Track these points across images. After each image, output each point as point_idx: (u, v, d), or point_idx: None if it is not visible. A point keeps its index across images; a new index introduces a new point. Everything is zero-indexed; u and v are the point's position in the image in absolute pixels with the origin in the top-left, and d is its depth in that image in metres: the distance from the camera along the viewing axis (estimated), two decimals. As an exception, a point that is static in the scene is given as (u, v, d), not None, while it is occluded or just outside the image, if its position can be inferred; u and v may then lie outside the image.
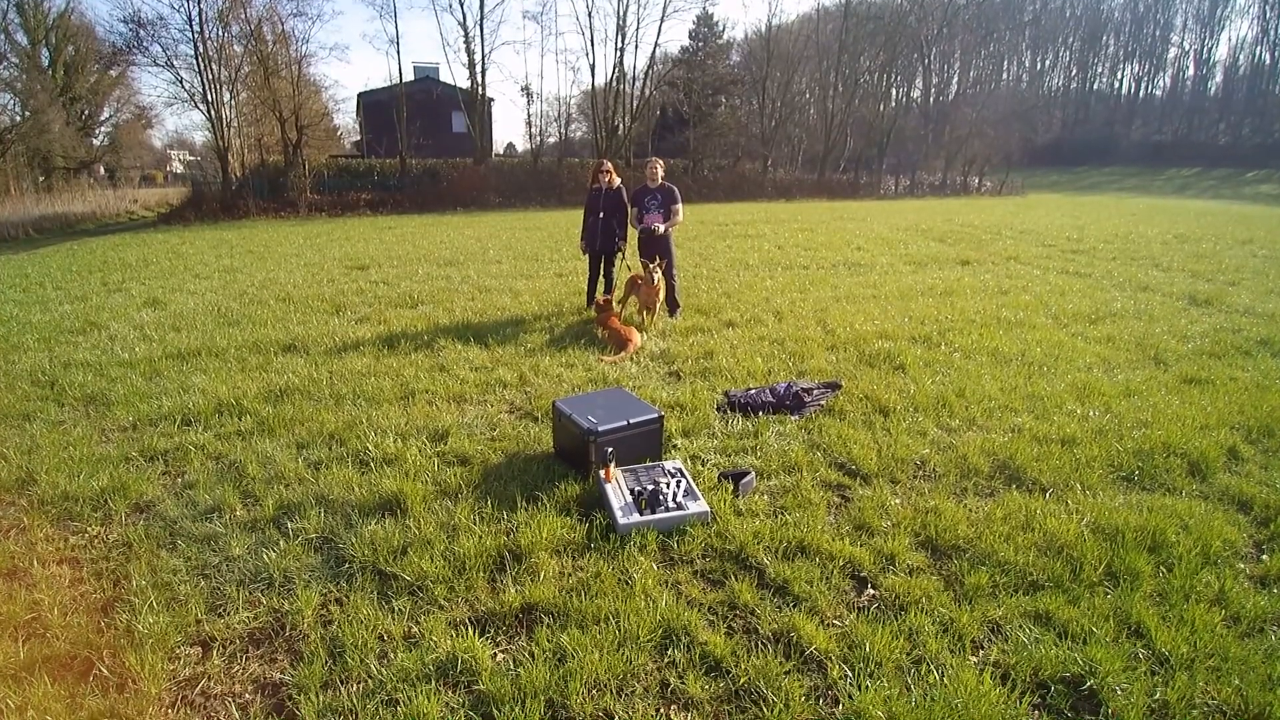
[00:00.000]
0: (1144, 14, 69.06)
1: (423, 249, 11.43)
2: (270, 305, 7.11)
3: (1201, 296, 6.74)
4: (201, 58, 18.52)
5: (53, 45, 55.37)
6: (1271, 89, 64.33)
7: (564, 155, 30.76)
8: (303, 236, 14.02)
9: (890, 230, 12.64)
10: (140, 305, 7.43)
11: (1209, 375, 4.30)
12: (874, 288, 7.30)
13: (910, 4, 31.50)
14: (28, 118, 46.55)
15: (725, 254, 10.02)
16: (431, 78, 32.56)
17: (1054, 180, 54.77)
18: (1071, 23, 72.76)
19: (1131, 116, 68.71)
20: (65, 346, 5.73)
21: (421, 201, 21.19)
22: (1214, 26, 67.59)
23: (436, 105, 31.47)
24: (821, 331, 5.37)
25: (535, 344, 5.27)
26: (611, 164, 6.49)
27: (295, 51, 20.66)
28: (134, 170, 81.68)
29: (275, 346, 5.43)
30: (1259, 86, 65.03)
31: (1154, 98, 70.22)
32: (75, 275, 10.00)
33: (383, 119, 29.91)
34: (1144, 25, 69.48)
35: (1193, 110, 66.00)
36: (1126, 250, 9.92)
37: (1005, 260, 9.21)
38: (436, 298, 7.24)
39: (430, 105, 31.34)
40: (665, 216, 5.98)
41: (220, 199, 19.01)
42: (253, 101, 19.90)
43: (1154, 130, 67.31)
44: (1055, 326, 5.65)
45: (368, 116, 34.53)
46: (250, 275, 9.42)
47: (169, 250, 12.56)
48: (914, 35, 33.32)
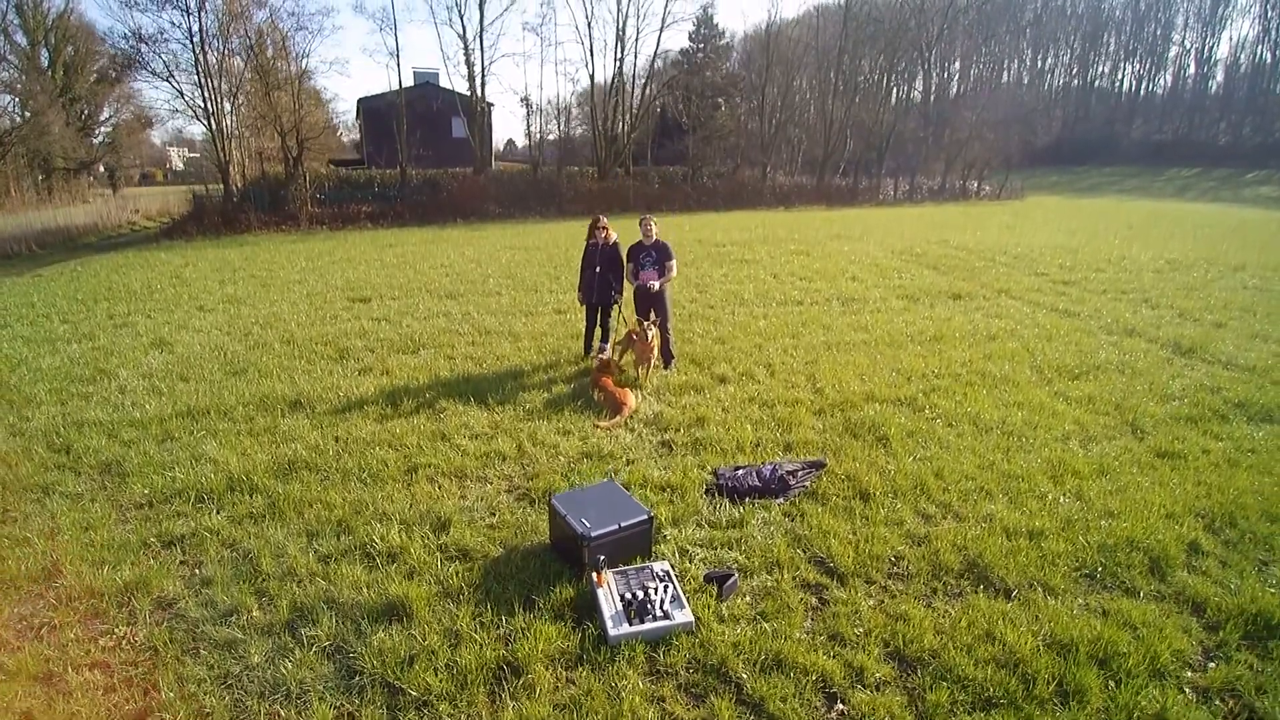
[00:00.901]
0: (1145, 12, 68.68)
1: (424, 275, 11.58)
2: (274, 349, 7.28)
3: (1186, 343, 6.90)
4: (202, 71, 18.60)
5: (52, 46, 55.28)
6: (1272, 88, 64.08)
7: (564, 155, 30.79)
8: (304, 257, 14.17)
9: (885, 254, 12.77)
10: (148, 346, 7.61)
11: (1182, 448, 4.48)
12: (865, 330, 7.47)
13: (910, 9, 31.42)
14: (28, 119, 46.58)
15: (721, 285, 10.18)
16: (431, 83, 32.55)
17: (1054, 181, 54.71)
18: (1073, 21, 72.36)
19: (1132, 115, 68.49)
20: (77, 401, 5.91)
21: (422, 213, 21.31)
22: (1215, 25, 67.22)
23: (436, 111, 31.49)
24: (810, 392, 5.54)
25: (534, 404, 5.45)
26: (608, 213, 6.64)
27: (295, 65, 20.72)
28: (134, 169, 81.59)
29: (281, 403, 5.61)
30: (1260, 85, 64.78)
31: (1155, 97, 69.96)
32: (80, 305, 10.17)
33: (383, 123, 29.94)
34: (1145, 24, 69.12)
35: (1193, 109, 65.79)
36: (1117, 282, 10.07)
37: (996, 294, 9.37)
38: (438, 340, 7.42)
39: (430, 110, 31.37)
40: (660, 273, 6.15)
41: (221, 212, 19.14)
42: (253, 114, 19.97)
43: (1155, 129, 67.12)
44: (1039, 382, 5.82)
45: (367, 121, 34.54)
46: (254, 307, 9.59)
47: (172, 274, 12.72)
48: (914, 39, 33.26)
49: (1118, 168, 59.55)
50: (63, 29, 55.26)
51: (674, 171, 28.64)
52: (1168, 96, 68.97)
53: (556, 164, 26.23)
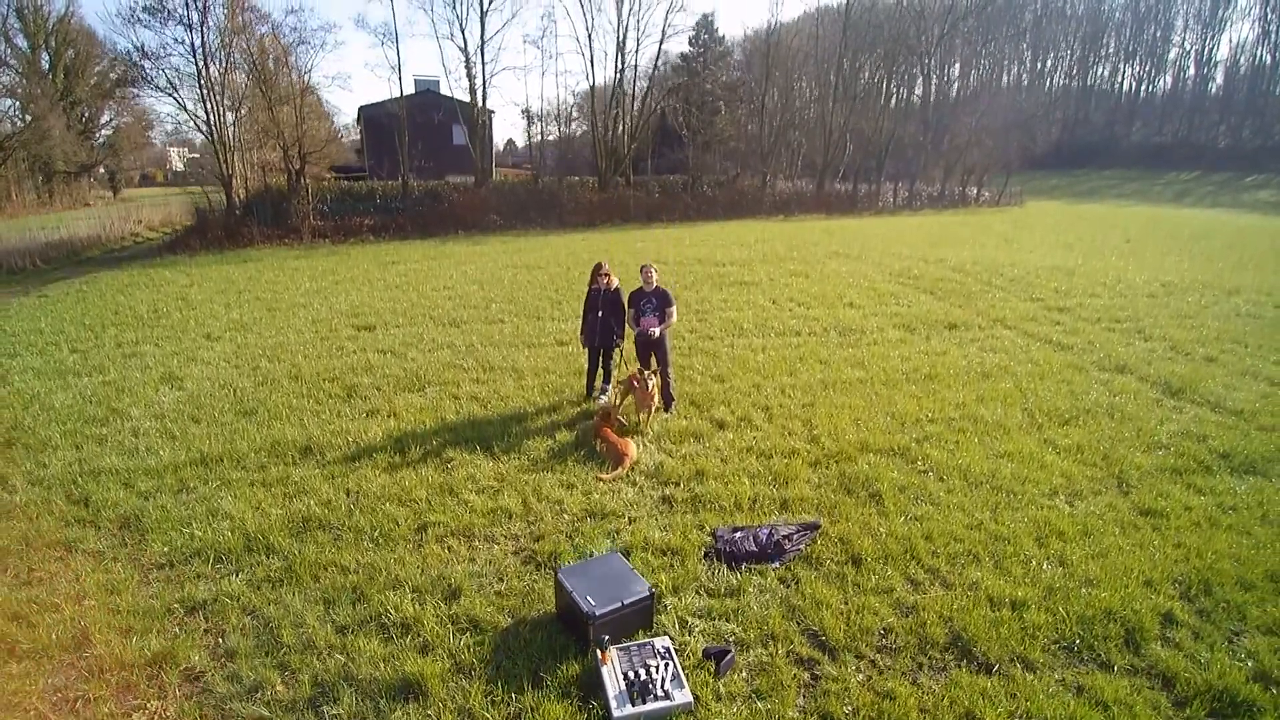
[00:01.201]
0: (1145, 14, 68.63)
1: (426, 298, 11.73)
2: (283, 385, 7.45)
3: (1176, 382, 7.05)
4: (205, 86, 18.71)
5: (53, 49, 55.40)
6: (1272, 90, 64.11)
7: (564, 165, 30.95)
8: (308, 277, 14.32)
9: (883, 276, 12.92)
10: (158, 381, 7.77)
11: (1165, 505, 4.64)
12: (862, 366, 7.63)
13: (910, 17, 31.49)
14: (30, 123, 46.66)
15: (720, 312, 10.33)
16: (432, 91, 32.66)
17: (1053, 184, 54.80)
18: (1073, 23, 72.34)
19: (1132, 117, 68.51)
20: (91, 445, 6.07)
21: (423, 225, 21.44)
22: (1215, 27, 67.17)
23: (437, 118, 31.61)
24: (806, 440, 5.70)
25: (538, 452, 5.61)
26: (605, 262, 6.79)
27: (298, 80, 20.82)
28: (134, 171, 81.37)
29: (292, 449, 5.78)
30: (1259, 87, 64.81)
31: (1154, 99, 69.96)
32: (89, 331, 10.33)
33: (384, 130, 30.06)
34: (1145, 26, 69.07)
35: (1193, 111, 65.80)
36: (1111, 310, 10.22)
37: (992, 323, 9.52)
38: (442, 376, 7.58)
39: (431, 118, 31.49)
40: (661, 319, 6.31)
41: (224, 225, 19.27)
42: (256, 129, 20.09)
43: (1154, 131, 67.14)
44: (1029, 428, 5.98)
45: (369, 128, 34.66)
46: (260, 335, 9.75)
47: (177, 295, 12.87)
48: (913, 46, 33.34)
49: (1117, 171, 59.62)
50: (63, 33, 55.44)
51: (674, 180, 28.77)
52: (1167, 99, 68.98)
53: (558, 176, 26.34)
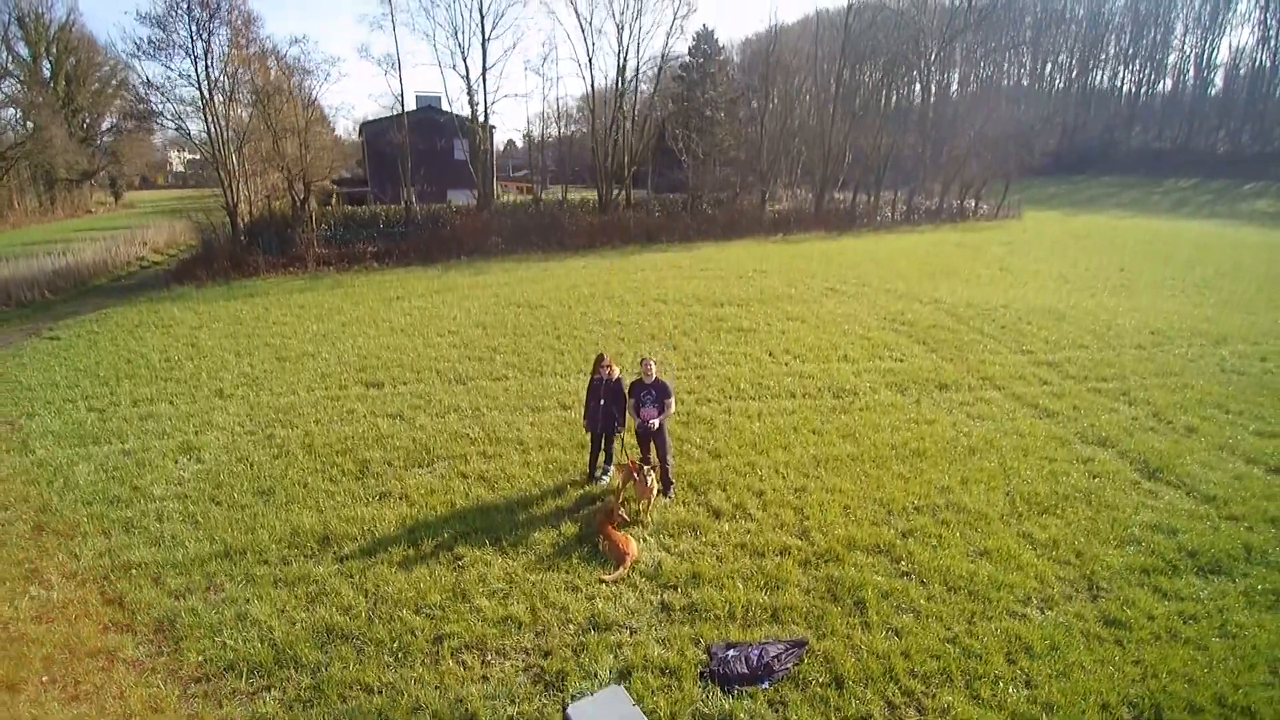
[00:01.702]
0: (1145, 18, 68.55)
1: (432, 345, 12.03)
2: (297, 459, 7.77)
3: (1155, 460, 7.36)
4: (210, 120, 18.94)
5: (54, 57, 55.50)
6: (1271, 94, 64.14)
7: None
8: (314, 318, 14.61)
9: (878, 320, 13.21)
10: (175, 452, 8.09)
11: (1129, 615, 4.96)
12: (853, 439, 7.95)
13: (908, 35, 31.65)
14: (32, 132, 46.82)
15: (718, 367, 10.63)
16: (434, 107, 32.82)
17: (1052, 192, 54.95)
18: (1073, 26, 72.27)
19: (1131, 122, 68.55)
20: (119, 534, 6.39)
21: (426, 250, 21.72)
22: (1215, 31, 67.13)
23: (439, 134, 31.83)
24: (798, 534, 6.03)
25: (544, 545, 5.94)
26: (606, 353, 7.09)
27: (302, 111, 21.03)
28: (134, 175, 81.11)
29: (311, 540, 6.11)
30: (1259, 91, 64.84)
31: (1154, 103, 69.97)
32: (103, 385, 10.65)
33: (385, 146, 30.29)
34: (1144, 30, 68.99)
35: (1193, 115, 65.83)
36: (1099, 366, 10.51)
37: (981, 382, 9.83)
38: (450, 449, 7.90)
39: (433, 134, 31.72)
40: (660, 410, 6.62)
41: (230, 255, 19.55)
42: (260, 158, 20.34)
43: (1154, 137, 67.21)
44: (1010, 517, 6.30)
45: (370, 144, 34.87)
46: (271, 391, 10.06)
47: (187, 339, 13.18)
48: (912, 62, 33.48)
49: (1115, 177, 59.76)
50: (64, 40, 55.53)
51: (674, 199, 29.01)
52: (1166, 103, 69.00)
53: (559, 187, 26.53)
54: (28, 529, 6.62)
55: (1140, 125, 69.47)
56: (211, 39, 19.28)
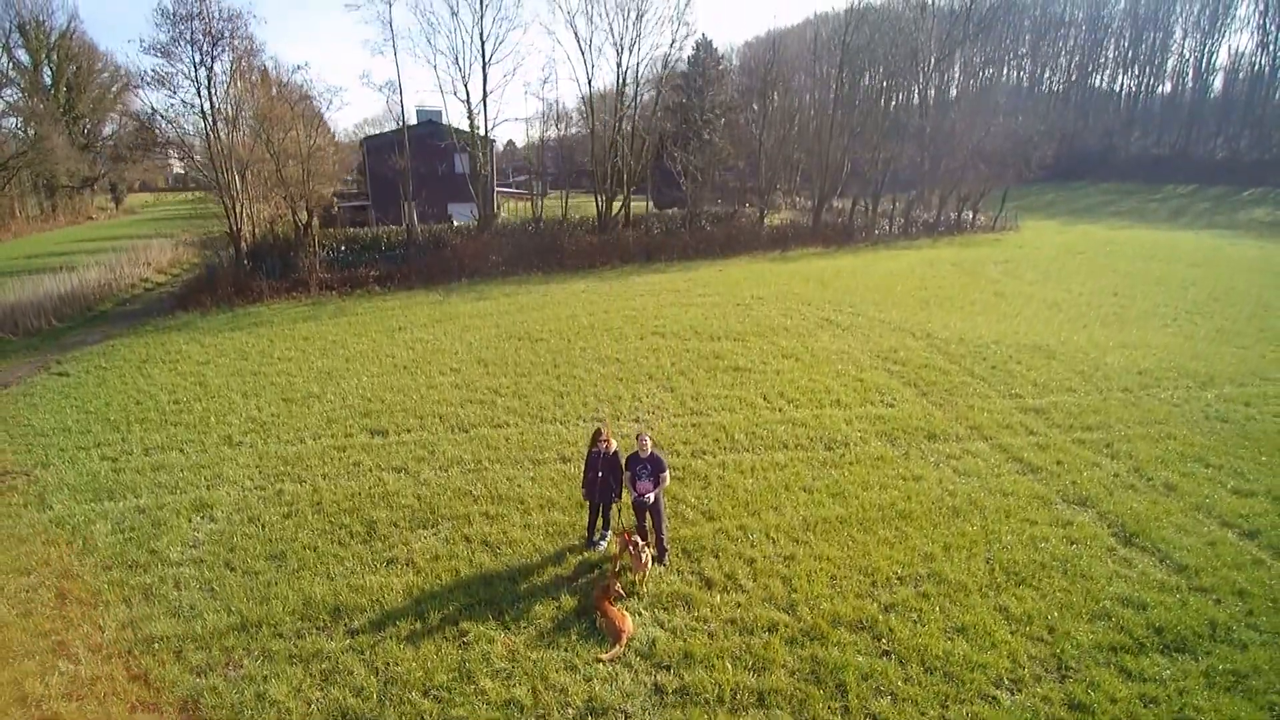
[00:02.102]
0: (1144, 22, 68.54)
1: (435, 386, 12.30)
2: (308, 521, 8.06)
3: (1131, 524, 7.64)
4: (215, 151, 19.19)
5: (55, 64, 55.65)
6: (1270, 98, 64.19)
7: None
8: (319, 350, 14.91)
9: (871, 358, 13.49)
10: (190, 510, 8.39)
11: (1092, 698, 5.26)
12: (842, 499, 8.23)
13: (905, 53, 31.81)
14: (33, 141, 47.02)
15: (714, 413, 10.91)
16: (434, 121, 33.06)
17: (1050, 199, 55.14)
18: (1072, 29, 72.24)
19: (1130, 127, 68.62)
20: (140, 601, 6.69)
21: (428, 273, 21.98)
22: (1214, 35, 67.11)
23: (440, 148, 32.04)
24: (785, 609, 6.32)
25: (544, 619, 6.24)
26: (607, 426, 7.38)
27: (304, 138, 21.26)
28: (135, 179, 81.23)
29: (323, 613, 6.41)
30: (1258, 95, 64.89)
31: (1153, 109, 70.03)
32: (114, 430, 10.95)
33: (386, 160, 30.52)
34: (1143, 34, 68.99)
35: (1191, 121, 65.89)
36: (1084, 413, 10.77)
37: (969, 432, 10.11)
38: (454, 509, 8.19)
39: (434, 148, 31.94)
40: (655, 483, 6.90)
41: (234, 280, 19.82)
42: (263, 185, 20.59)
43: (1153, 142, 67.31)
44: (988, 588, 6.59)
45: (371, 158, 35.08)
46: (279, 440, 10.36)
47: (194, 375, 13.48)
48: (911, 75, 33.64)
49: (1113, 184, 59.89)
50: (65, 48, 55.64)
51: (674, 215, 29.24)
52: (1165, 108, 69.06)
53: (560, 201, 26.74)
54: (52, 596, 6.93)
55: (1139, 130, 69.58)
56: (215, 64, 19.51)
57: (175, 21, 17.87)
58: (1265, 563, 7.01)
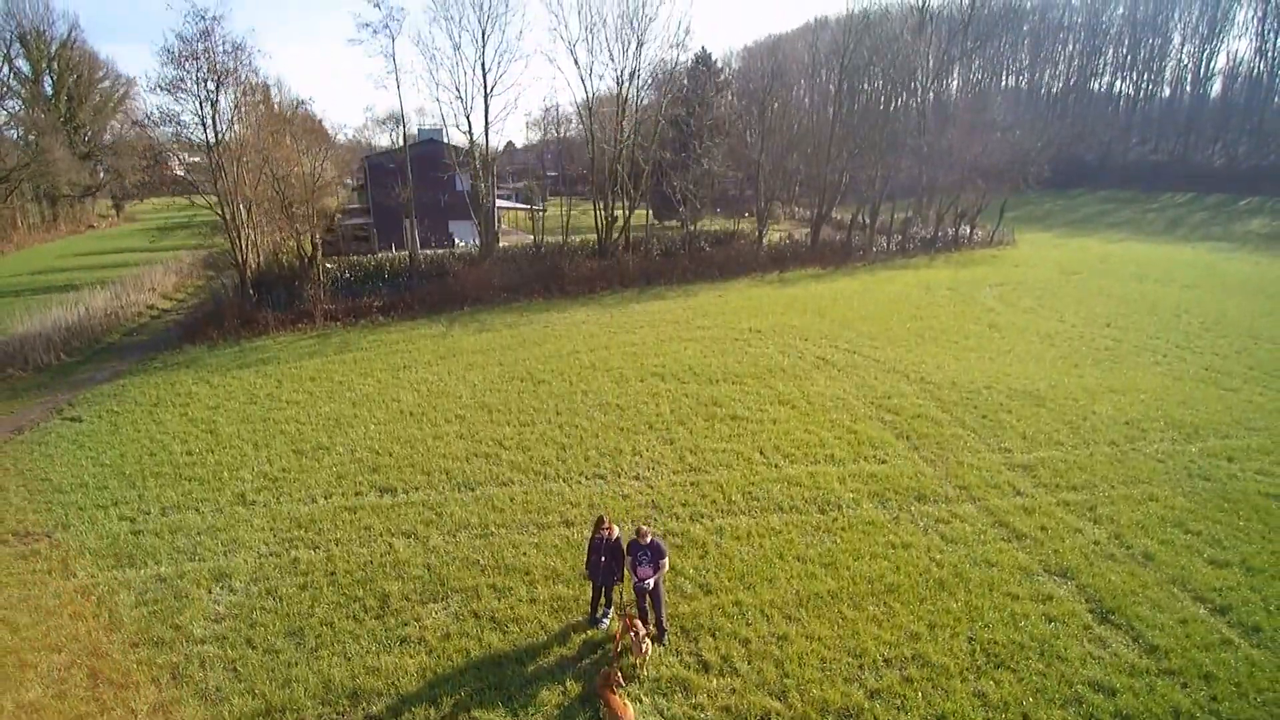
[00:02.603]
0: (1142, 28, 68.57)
1: (440, 436, 12.65)
2: (322, 591, 8.42)
3: (1109, 598, 7.99)
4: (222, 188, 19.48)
5: (55, 74, 55.75)
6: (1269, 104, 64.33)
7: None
8: (325, 392, 15.27)
9: (865, 403, 13.86)
10: (210, 580, 8.75)
11: (1064, 796, 5.65)
12: (834, 570, 8.58)
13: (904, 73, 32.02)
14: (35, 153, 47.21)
15: (712, 470, 11.26)
16: (435, 140, 33.28)
17: (1048, 209, 55.38)
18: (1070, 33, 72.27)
19: (1129, 133, 68.77)
20: (169, 683, 7.06)
21: (430, 303, 22.30)
22: (1213, 41, 67.19)
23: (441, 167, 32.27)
24: (777, 695, 6.70)
25: (550, 707, 6.61)
26: (608, 515, 7.74)
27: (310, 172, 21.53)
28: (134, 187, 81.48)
29: (343, 699, 6.78)
30: (1256, 101, 65.03)
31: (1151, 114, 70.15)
32: (131, 487, 11.31)
33: (387, 178, 30.78)
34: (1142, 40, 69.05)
35: (1189, 128, 66.03)
36: (1070, 469, 11.12)
37: (958, 493, 10.47)
38: (463, 580, 8.54)
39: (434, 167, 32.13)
40: (654, 569, 7.27)
41: (239, 312, 20.13)
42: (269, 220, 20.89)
43: (1151, 149, 67.48)
44: (969, 672, 6.96)
45: (372, 176, 35.32)
46: (291, 499, 10.71)
47: (205, 423, 13.83)
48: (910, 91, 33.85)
49: (1111, 191, 60.11)
50: (65, 58, 55.72)
51: (673, 238, 29.52)
52: (1163, 115, 69.19)
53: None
54: (84, 676, 7.30)
55: (1138, 136, 69.72)
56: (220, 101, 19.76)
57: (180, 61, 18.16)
58: (1233, 643, 7.39)
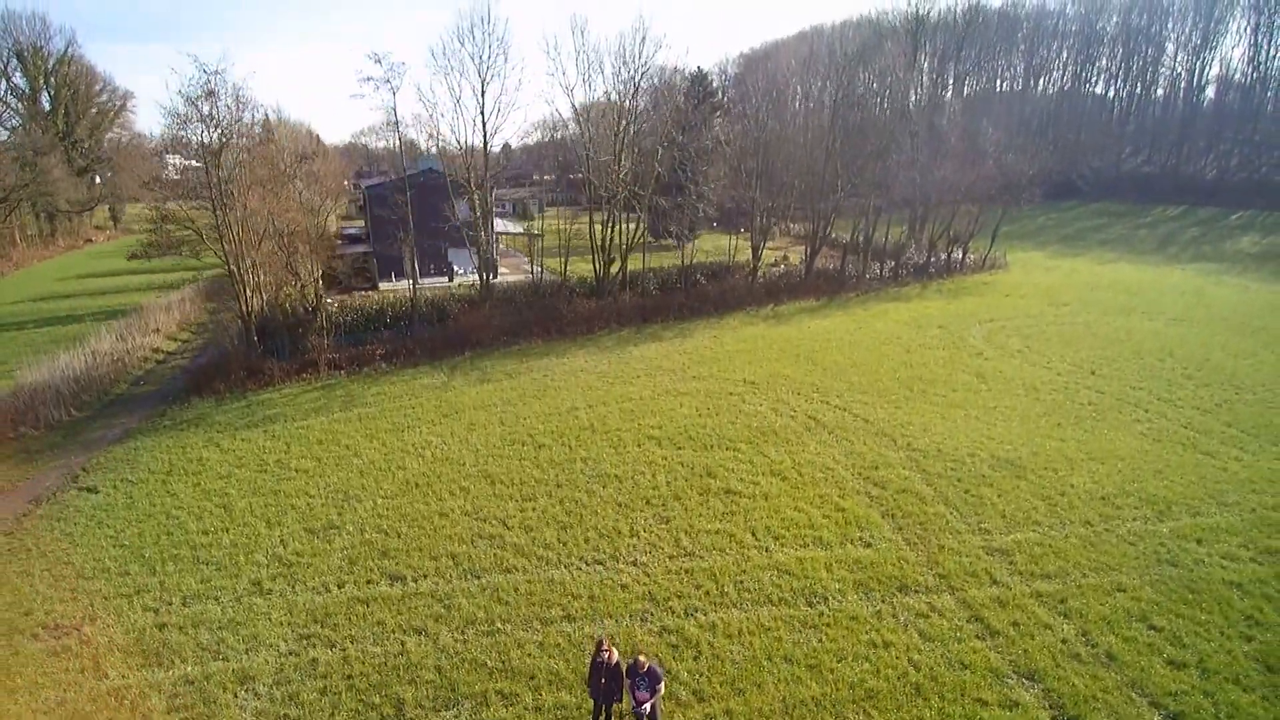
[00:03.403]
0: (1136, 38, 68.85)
1: (447, 514, 13.17)
2: (341, 698, 8.97)
3: (1072, 705, 8.60)
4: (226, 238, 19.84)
5: (53, 90, 55.66)
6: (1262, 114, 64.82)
7: (563, 283, 31.99)
8: (333, 460, 15.76)
9: (854, 474, 14.46)
10: (234, 683, 9.27)
11: None
12: (818, 673, 9.17)
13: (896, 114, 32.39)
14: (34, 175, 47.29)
15: (705, 553, 11.82)
16: (435, 169, 33.53)
17: (1041, 224, 55.95)
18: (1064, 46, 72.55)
19: (1122, 143, 69.23)
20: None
21: (432, 348, 22.76)
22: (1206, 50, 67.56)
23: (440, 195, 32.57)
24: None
25: (555, 831, 7.21)
26: (608, 639, 8.30)
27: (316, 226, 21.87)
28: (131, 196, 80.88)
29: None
30: (1249, 111, 65.53)
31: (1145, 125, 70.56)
32: (151, 572, 11.76)
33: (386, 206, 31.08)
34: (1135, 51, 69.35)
35: (1182, 139, 66.51)
36: (1044, 553, 11.72)
37: (938, 582, 11.06)
38: (471, 687, 9.10)
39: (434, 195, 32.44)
40: (651, 694, 7.84)
41: (245, 363, 20.57)
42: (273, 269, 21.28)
43: (1144, 160, 67.99)
44: (941, 790, 7.59)
45: (372, 204, 35.60)
46: (306, 584, 11.23)
47: (219, 497, 14.31)
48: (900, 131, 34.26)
49: (1104, 204, 60.66)
50: (63, 74, 55.56)
51: (669, 271, 29.98)
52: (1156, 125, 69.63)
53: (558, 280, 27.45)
54: (120, 795, 7.87)
55: (1131, 147, 70.20)
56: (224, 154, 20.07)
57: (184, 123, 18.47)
58: (1184, 756, 8.02)
